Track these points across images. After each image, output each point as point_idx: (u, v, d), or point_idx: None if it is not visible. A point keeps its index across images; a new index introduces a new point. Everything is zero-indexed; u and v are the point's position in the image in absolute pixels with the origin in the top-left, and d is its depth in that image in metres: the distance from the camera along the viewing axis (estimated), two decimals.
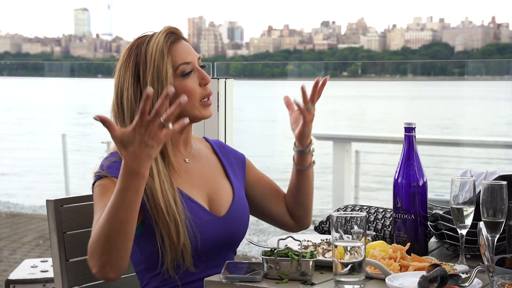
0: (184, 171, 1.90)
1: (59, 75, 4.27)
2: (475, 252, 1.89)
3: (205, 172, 1.95)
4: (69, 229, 1.98)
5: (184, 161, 1.92)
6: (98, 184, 1.79)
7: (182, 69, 1.86)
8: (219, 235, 1.87)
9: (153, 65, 1.83)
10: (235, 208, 1.93)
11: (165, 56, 1.84)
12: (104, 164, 1.81)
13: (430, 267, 1.53)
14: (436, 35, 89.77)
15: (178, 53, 1.87)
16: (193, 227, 1.81)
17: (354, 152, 6.79)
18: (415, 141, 1.91)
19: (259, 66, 3.38)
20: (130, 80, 1.84)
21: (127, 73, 1.85)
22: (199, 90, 1.88)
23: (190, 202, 1.85)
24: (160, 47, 1.84)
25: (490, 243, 1.56)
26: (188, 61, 1.87)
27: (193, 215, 1.83)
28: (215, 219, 1.87)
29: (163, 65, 1.83)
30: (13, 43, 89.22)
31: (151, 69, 1.83)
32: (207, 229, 1.84)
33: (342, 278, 1.57)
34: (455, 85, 38.38)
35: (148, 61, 1.83)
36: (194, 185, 1.90)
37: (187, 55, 1.88)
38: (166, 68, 1.83)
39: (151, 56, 1.83)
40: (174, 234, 1.77)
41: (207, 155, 2.01)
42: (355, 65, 3.90)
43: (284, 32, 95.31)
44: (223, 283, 1.61)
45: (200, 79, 1.89)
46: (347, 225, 1.58)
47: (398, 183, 1.89)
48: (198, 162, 1.95)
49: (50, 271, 3.37)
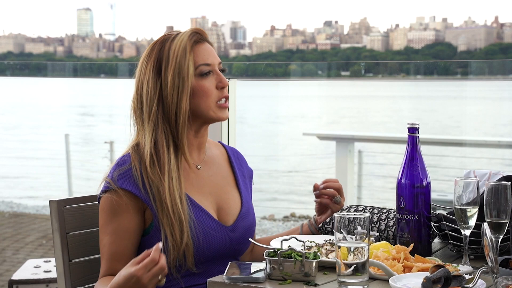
0: (195, 178, 1.91)
1: (62, 75, 4.27)
2: (479, 253, 1.89)
3: (216, 180, 1.96)
4: (72, 229, 1.98)
5: (196, 168, 1.93)
6: (106, 199, 1.82)
7: (201, 69, 1.89)
8: (224, 244, 1.88)
9: (175, 61, 1.86)
10: (242, 218, 1.94)
11: (187, 54, 1.87)
12: (114, 174, 1.82)
13: (434, 268, 1.52)
14: (439, 35, 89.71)
15: (200, 53, 1.90)
16: (197, 230, 1.83)
17: (357, 152, 6.79)
18: (419, 142, 1.90)
19: (262, 66, 3.37)
20: (151, 74, 1.87)
21: (148, 67, 1.88)
22: (216, 92, 1.90)
23: (198, 210, 1.86)
24: (183, 44, 1.87)
25: (494, 244, 1.55)
26: (209, 63, 1.90)
27: (200, 223, 1.84)
28: (222, 228, 1.89)
29: (185, 61, 1.86)
30: (16, 43, 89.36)
31: (172, 65, 1.86)
32: (213, 237, 1.85)
33: (345, 279, 1.57)
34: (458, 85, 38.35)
35: (170, 57, 1.86)
36: (203, 193, 1.91)
37: (208, 56, 1.91)
38: (188, 65, 1.86)
39: (174, 52, 1.87)
40: (177, 233, 1.78)
41: (220, 163, 2.01)
42: (358, 65, 3.90)
43: (286, 32, 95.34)
44: (226, 283, 1.61)
45: (217, 81, 1.91)
46: (350, 225, 1.57)
47: (402, 184, 1.89)
48: (210, 169, 1.96)
49: (53, 271, 3.37)
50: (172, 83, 1.85)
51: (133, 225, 1.81)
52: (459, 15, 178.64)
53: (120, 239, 1.81)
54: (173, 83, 1.85)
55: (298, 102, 40.28)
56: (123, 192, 1.80)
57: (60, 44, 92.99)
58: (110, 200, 1.80)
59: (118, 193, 1.80)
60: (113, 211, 1.80)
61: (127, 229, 1.81)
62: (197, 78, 1.88)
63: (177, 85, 1.85)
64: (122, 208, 1.80)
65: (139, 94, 1.89)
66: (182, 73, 1.85)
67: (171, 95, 1.85)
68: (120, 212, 1.80)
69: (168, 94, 1.85)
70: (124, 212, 1.80)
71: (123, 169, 1.82)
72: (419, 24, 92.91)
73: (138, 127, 1.89)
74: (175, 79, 1.85)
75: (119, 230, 1.81)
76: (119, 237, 1.81)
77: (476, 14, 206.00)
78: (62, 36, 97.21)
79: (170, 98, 1.85)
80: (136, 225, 1.82)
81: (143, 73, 1.89)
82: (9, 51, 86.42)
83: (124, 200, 1.80)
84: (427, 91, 44.99)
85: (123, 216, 1.81)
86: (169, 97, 1.85)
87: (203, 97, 1.88)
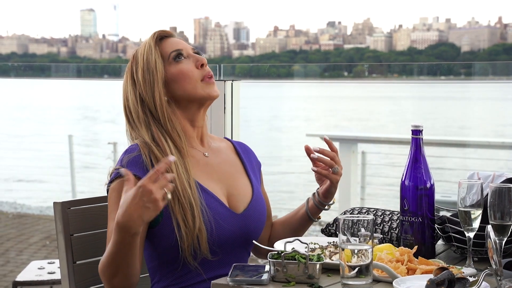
0: (203, 164, 1.91)
1: (65, 76, 4.27)
2: (483, 255, 1.88)
3: (225, 167, 1.96)
4: (76, 231, 1.98)
5: (203, 155, 1.93)
6: (114, 187, 1.81)
7: (174, 55, 1.91)
8: (235, 231, 1.87)
9: (143, 60, 1.90)
10: (253, 206, 1.94)
11: (153, 49, 1.91)
12: (124, 160, 1.83)
13: (438, 270, 1.52)
14: (442, 36, 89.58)
15: (168, 45, 1.93)
16: (209, 215, 1.82)
17: (360, 153, 6.78)
18: (423, 144, 1.90)
19: (265, 68, 3.37)
20: (130, 85, 1.93)
21: (126, 80, 1.96)
22: (197, 71, 1.91)
23: (209, 197, 1.86)
24: (148, 43, 1.92)
25: (498, 246, 1.55)
26: (179, 48, 1.92)
27: (211, 209, 1.84)
28: (233, 215, 1.88)
29: (152, 57, 1.90)
30: (20, 44, 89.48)
31: (141, 64, 1.90)
32: (224, 224, 1.85)
33: (349, 281, 1.57)
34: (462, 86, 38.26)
35: (139, 59, 1.91)
36: (213, 179, 1.91)
37: (177, 44, 1.94)
38: (155, 59, 1.90)
39: (141, 54, 1.91)
40: (190, 218, 1.78)
41: (227, 153, 2.01)
42: (361, 66, 3.89)
43: (290, 33, 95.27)
44: (230, 286, 1.61)
45: (195, 61, 1.92)
46: (354, 227, 1.57)
47: (405, 186, 1.89)
48: (218, 157, 1.96)
49: (57, 273, 3.37)
50: (143, 80, 1.89)
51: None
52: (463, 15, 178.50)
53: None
54: (144, 80, 1.89)
55: (302, 103, 40.27)
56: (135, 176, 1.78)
57: (63, 45, 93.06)
58: (119, 185, 1.78)
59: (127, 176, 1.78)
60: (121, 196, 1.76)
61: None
62: (172, 64, 1.90)
63: (148, 79, 1.89)
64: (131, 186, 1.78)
65: (126, 104, 1.93)
66: (150, 67, 1.89)
67: (145, 91, 1.89)
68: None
69: (142, 91, 1.89)
70: None
71: (132, 155, 1.83)
72: (422, 24, 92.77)
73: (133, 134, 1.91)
74: (145, 75, 1.89)
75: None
76: None
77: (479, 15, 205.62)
78: (65, 37, 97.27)
79: (145, 94, 1.89)
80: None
81: (125, 86, 1.94)
82: (12, 52, 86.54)
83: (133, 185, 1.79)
84: (431, 92, 44.95)
85: None
86: (144, 93, 1.89)
87: (185, 79, 1.89)
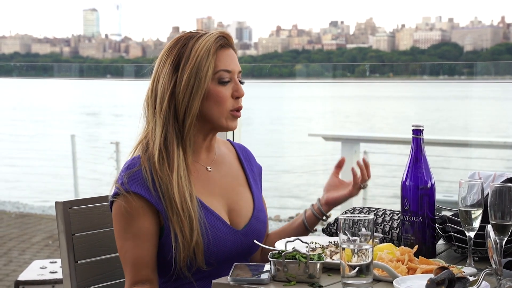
0: (205, 179, 1.89)
1: (68, 75, 4.29)
2: (483, 255, 1.89)
3: (227, 181, 1.93)
4: (78, 230, 1.99)
5: (206, 169, 1.91)
6: (120, 204, 1.79)
7: (221, 75, 1.85)
8: (235, 248, 1.86)
9: (195, 60, 1.82)
10: (254, 221, 1.92)
11: (210, 56, 1.82)
12: (124, 178, 1.79)
13: (438, 270, 1.52)
14: (445, 35, 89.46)
15: (223, 58, 1.85)
16: (208, 230, 1.81)
17: (362, 153, 6.78)
18: (423, 143, 1.90)
19: (268, 67, 3.38)
20: (169, 68, 1.83)
21: (167, 61, 1.84)
22: (231, 101, 1.87)
23: (209, 214, 1.84)
24: (208, 45, 1.83)
25: (498, 246, 1.55)
26: (229, 70, 1.86)
27: (212, 227, 1.82)
28: (233, 232, 1.87)
29: (205, 63, 1.82)
30: (23, 44, 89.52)
31: (191, 63, 1.82)
32: (224, 241, 1.84)
33: (349, 281, 1.57)
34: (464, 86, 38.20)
35: (192, 55, 1.82)
36: (214, 195, 1.89)
37: (230, 63, 1.86)
38: (208, 67, 1.82)
39: (196, 51, 1.82)
40: (187, 230, 1.76)
41: (231, 162, 1.99)
42: (364, 65, 3.90)
43: (292, 32, 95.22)
44: (231, 285, 1.61)
45: (234, 90, 1.87)
46: (354, 227, 1.57)
47: (406, 185, 1.89)
48: (221, 170, 1.93)
49: (59, 272, 3.38)
50: (187, 82, 1.81)
51: (153, 226, 1.79)
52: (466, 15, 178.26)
53: (143, 242, 1.78)
54: (188, 82, 1.81)
55: (304, 103, 40.24)
56: (135, 195, 1.77)
57: (66, 45, 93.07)
58: (125, 205, 1.77)
59: (131, 196, 1.78)
60: (130, 215, 1.77)
61: (148, 231, 1.78)
62: (215, 83, 1.84)
63: (191, 84, 1.81)
64: (138, 211, 1.78)
65: (154, 86, 1.85)
66: (200, 74, 1.82)
67: (183, 94, 1.82)
68: (137, 215, 1.77)
69: (180, 92, 1.82)
70: (141, 215, 1.78)
71: (133, 171, 1.80)
72: (425, 24, 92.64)
73: (149, 118, 1.86)
74: (191, 78, 1.82)
75: (140, 233, 1.78)
76: (142, 240, 1.78)
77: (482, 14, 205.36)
78: (68, 37, 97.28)
79: (181, 96, 1.82)
80: (155, 226, 1.79)
81: (162, 66, 1.85)
82: (15, 52, 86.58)
83: (139, 203, 1.78)
84: (433, 91, 44.89)
85: (141, 218, 1.78)
86: (181, 95, 1.82)
87: (217, 103, 1.84)
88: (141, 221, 1.78)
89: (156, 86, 1.85)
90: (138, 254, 1.78)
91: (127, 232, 1.78)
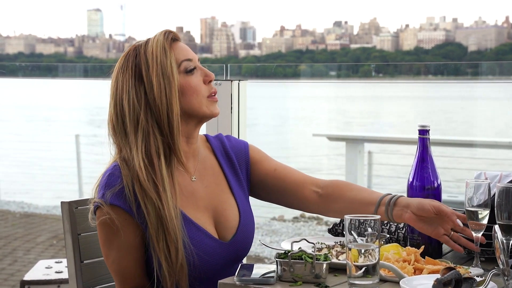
0: (190, 191, 1.84)
1: (72, 75, 4.29)
2: (490, 255, 1.88)
3: (211, 189, 1.88)
4: (84, 230, 1.99)
5: (190, 180, 1.85)
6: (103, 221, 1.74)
7: (186, 66, 1.81)
8: (223, 260, 1.82)
9: (157, 62, 1.77)
10: (241, 231, 1.87)
11: (167, 51, 1.78)
12: (107, 195, 1.73)
13: (445, 270, 1.52)
14: (449, 35, 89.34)
15: (179, 51, 1.82)
16: (194, 250, 1.76)
17: (367, 153, 6.78)
18: (429, 143, 1.90)
19: (272, 67, 3.37)
20: (131, 82, 1.76)
21: (126, 77, 1.78)
22: (204, 87, 1.83)
23: (195, 229, 1.79)
24: (161, 43, 1.79)
25: (505, 246, 1.55)
26: (190, 58, 1.83)
27: (197, 243, 1.77)
28: (221, 245, 1.82)
29: (166, 60, 1.78)
30: (27, 44, 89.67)
31: (154, 66, 1.76)
32: (212, 256, 1.80)
33: (356, 281, 1.57)
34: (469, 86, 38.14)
35: (150, 59, 1.77)
36: (199, 209, 1.84)
37: (188, 52, 1.84)
38: (170, 62, 1.78)
39: (152, 54, 1.77)
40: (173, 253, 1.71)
41: (212, 166, 1.91)
42: (368, 66, 3.89)
43: (296, 32, 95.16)
44: (237, 285, 1.61)
45: (203, 76, 1.84)
46: (361, 227, 1.57)
47: (413, 186, 1.89)
48: (204, 179, 1.88)
49: (64, 272, 3.38)
50: (158, 84, 1.75)
51: (138, 238, 1.75)
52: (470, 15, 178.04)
53: (128, 252, 1.74)
54: (159, 84, 1.75)
55: (308, 103, 40.22)
56: (119, 209, 1.73)
57: (70, 45, 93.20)
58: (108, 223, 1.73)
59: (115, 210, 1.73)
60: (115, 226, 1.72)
61: (134, 243, 1.74)
62: (183, 75, 1.80)
63: (163, 86, 1.76)
64: (122, 223, 1.73)
65: (118, 109, 1.77)
66: (167, 71, 1.76)
67: (159, 98, 1.75)
68: (122, 227, 1.73)
69: (156, 97, 1.75)
70: (124, 226, 1.73)
71: (115, 189, 1.73)
72: (429, 24, 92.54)
73: (121, 143, 1.78)
74: (160, 80, 1.75)
75: (125, 245, 1.74)
76: (127, 251, 1.74)
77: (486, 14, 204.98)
78: (72, 37, 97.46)
79: (159, 100, 1.75)
80: (140, 238, 1.75)
81: (121, 85, 1.78)
82: (20, 52, 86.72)
83: (123, 216, 1.73)
84: (438, 91, 44.83)
85: (126, 231, 1.73)
86: (158, 99, 1.75)
87: (193, 94, 1.80)
88: (126, 233, 1.74)
89: (122, 106, 1.77)
90: (125, 265, 1.75)
91: (112, 242, 1.75)
